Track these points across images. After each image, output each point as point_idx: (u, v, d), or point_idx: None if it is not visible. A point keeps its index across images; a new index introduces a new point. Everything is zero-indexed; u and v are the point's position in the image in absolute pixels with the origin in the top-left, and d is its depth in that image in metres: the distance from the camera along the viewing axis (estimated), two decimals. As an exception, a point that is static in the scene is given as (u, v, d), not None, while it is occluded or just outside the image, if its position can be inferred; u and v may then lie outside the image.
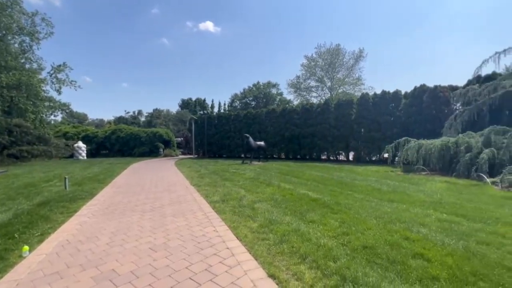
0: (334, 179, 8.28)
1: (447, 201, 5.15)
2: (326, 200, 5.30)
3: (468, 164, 8.22)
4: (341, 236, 3.41)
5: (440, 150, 9.31)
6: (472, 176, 7.91)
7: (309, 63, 35.32)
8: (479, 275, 2.41)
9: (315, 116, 16.77)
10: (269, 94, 47.28)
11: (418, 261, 2.71)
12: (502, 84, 9.84)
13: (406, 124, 13.40)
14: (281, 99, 46.82)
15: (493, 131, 8.55)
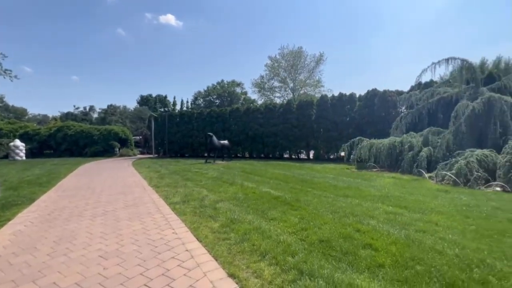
0: (295, 177, 8.58)
1: (393, 195, 5.69)
2: (287, 198, 5.46)
3: (410, 161, 9.20)
4: (300, 232, 3.54)
5: (388, 148, 10.27)
6: (414, 171, 8.86)
7: (273, 63, 36.05)
8: (416, 260, 2.71)
9: (278, 116, 17.19)
10: (234, 93, 47.13)
11: (367, 251, 2.95)
12: (437, 91, 11.22)
13: (360, 125, 14.49)
14: (246, 98, 47.00)
15: (430, 132, 9.70)
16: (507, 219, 3.93)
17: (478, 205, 4.76)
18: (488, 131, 8.23)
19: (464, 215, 4.17)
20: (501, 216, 4.06)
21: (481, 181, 6.62)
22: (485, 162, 6.95)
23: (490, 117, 8.21)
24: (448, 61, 9.69)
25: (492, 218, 3.99)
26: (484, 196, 5.53)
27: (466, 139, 8.32)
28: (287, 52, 34.98)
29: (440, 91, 11.24)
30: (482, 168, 6.85)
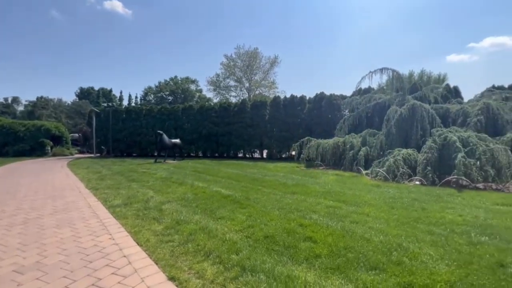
0: (247, 175, 8.69)
1: (334, 190, 6.20)
2: (237, 196, 5.50)
3: (351, 160, 10.13)
4: (247, 229, 3.60)
5: (333, 148, 11.13)
6: (354, 169, 9.78)
7: (229, 62, 35.92)
8: (348, 248, 2.99)
9: (232, 115, 17.19)
10: (188, 90, 45.54)
11: (307, 243, 3.15)
12: (374, 97, 12.60)
13: (310, 125, 15.41)
14: (201, 96, 45.86)
15: (368, 133, 10.83)
16: (421, 208, 4.62)
17: (401, 197, 5.50)
18: (412, 133, 9.55)
19: (390, 206, 4.76)
20: (417, 206, 4.76)
21: (406, 176, 7.66)
22: (409, 160, 8.06)
23: (413, 121, 9.55)
24: (382, 71, 10.99)
25: (410, 208, 4.64)
26: (406, 189, 6.40)
27: (395, 140, 9.51)
28: (243, 52, 35.27)
29: (376, 97, 12.65)
30: (406, 165, 7.92)
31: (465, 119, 9.24)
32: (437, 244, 3.08)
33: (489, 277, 2.33)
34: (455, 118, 9.67)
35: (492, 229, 3.53)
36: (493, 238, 3.23)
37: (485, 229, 3.55)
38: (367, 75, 11.12)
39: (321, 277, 2.40)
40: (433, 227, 3.67)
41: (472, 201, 5.14)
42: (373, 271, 2.51)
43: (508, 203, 4.98)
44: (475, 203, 4.98)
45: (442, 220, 3.96)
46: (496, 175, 6.71)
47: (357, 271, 2.50)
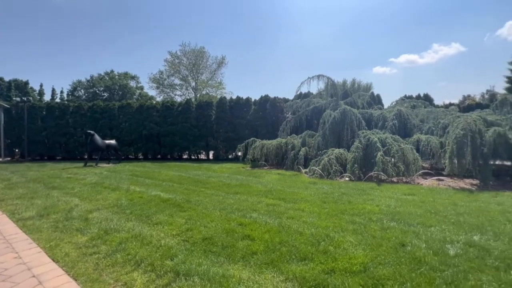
0: (190, 177, 8.43)
1: (275, 189, 6.49)
2: (178, 199, 5.29)
3: (292, 159, 10.77)
4: (185, 233, 3.49)
5: (276, 148, 11.65)
6: (295, 168, 10.41)
7: (173, 60, 34.30)
8: (283, 243, 3.18)
9: (176, 115, 16.43)
10: (127, 86, 41.70)
11: (245, 242, 3.22)
12: (312, 101, 13.69)
13: (255, 127, 15.80)
14: (142, 94, 42.53)
15: (307, 134, 11.68)
16: (348, 201, 5.20)
17: (333, 192, 6.09)
18: (343, 134, 10.69)
19: (322, 201, 5.23)
20: (344, 199, 5.34)
21: (338, 173, 8.51)
22: (341, 158, 8.99)
23: (344, 124, 10.70)
24: (319, 77, 12.03)
25: (339, 202, 5.18)
26: (338, 185, 7.13)
27: (330, 141, 10.50)
28: (189, 50, 34.14)
29: (315, 101, 13.76)
30: (338, 163, 8.81)
31: (384, 123, 10.78)
32: (357, 232, 3.51)
33: (393, 255, 2.77)
34: (377, 121, 11.18)
35: (399, 216, 4.19)
36: (399, 223, 3.84)
37: (394, 215, 4.20)
38: (306, 81, 12.04)
39: (255, 273, 2.49)
40: (355, 217, 4.17)
41: (387, 193, 6.01)
42: (303, 261, 2.72)
43: (412, 193, 5.99)
44: (389, 194, 5.85)
45: (363, 210, 4.53)
46: (405, 170, 8.00)
47: (289, 263, 2.68)
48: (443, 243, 3.07)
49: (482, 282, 2.27)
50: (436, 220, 3.93)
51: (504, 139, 7.45)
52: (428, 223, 3.79)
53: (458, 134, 7.38)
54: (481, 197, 5.51)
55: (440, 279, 2.32)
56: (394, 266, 2.57)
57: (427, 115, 11.38)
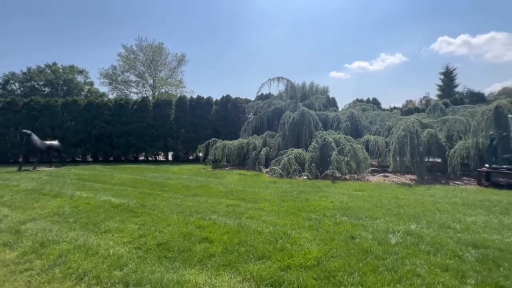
0: (147, 180, 7.94)
1: (236, 189, 6.47)
2: (131, 204, 4.94)
3: (254, 159, 10.87)
4: (137, 240, 3.27)
5: (238, 149, 11.65)
6: (256, 168, 10.53)
7: (128, 54, 32.02)
8: (242, 243, 3.17)
9: (131, 114, 15.36)
10: (73, 81, 37.69)
11: (203, 244, 3.14)
12: (273, 102, 14.01)
13: (216, 127, 15.59)
14: (92, 90, 38.80)
15: (268, 135, 11.91)
16: (305, 199, 5.43)
17: (292, 190, 6.30)
18: (302, 135, 11.15)
19: (281, 200, 5.37)
20: (302, 197, 5.57)
21: (297, 172, 8.84)
22: (299, 158, 9.36)
23: (303, 125, 11.17)
24: (279, 80, 12.37)
25: (297, 199, 5.38)
26: (296, 183, 7.40)
27: (289, 141, 10.86)
28: (146, 45, 32.22)
29: (275, 102, 14.10)
30: (297, 163, 9.16)
31: (338, 124, 11.54)
32: (313, 228, 3.68)
33: (343, 248, 2.97)
34: (332, 123, 11.91)
35: (351, 210, 4.51)
36: (350, 217, 4.13)
37: (346, 210, 4.50)
38: (267, 82, 12.28)
39: (212, 276, 2.44)
40: (312, 214, 4.37)
41: (340, 190, 6.43)
42: (260, 260, 2.75)
43: (362, 189, 6.50)
44: (342, 191, 6.26)
45: (319, 207, 4.77)
46: (357, 168, 8.66)
47: (247, 263, 2.68)
48: (386, 234, 3.39)
49: (416, 265, 2.55)
50: (381, 213, 4.32)
51: (436, 139, 8.55)
52: (375, 216, 4.15)
53: (400, 134, 8.24)
54: (418, 190, 6.23)
55: (383, 266, 2.55)
56: (344, 258, 2.75)
57: (375, 117, 12.48)
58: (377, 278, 2.36)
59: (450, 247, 2.94)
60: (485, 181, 7.14)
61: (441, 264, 2.57)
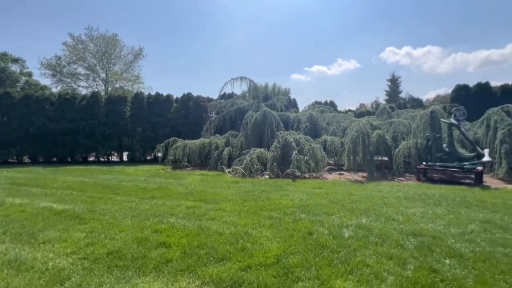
0: (97, 183, 7.27)
1: (197, 190, 6.29)
2: (77, 210, 4.46)
3: (216, 159, 10.71)
4: (84, 249, 2.96)
5: (199, 148, 11.34)
6: (219, 168, 10.37)
7: (76, 44, 28.96)
8: (202, 246, 3.08)
9: (79, 110, 13.90)
10: (6, 70, 32.70)
11: (160, 250, 2.97)
12: (236, 102, 13.98)
13: (177, 126, 14.98)
14: (31, 82, 34.09)
15: (231, 134, 11.83)
16: (267, 198, 5.51)
17: (253, 190, 6.34)
18: (264, 135, 11.32)
19: (243, 199, 5.37)
20: (264, 196, 5.64)
21: (259, 172, 8.95)
22: (261, 157, 9.49)
23: (265, 125, 11.35)
24: (242, 79, 12.37)
25: (259, 199, 5.44)
26: (258, 183, 7.48)
27: (252, 141, 10.94)
28: (98, 35, 29.49)
29: (238, 102, 14.08)
30: (260, 162, 9.27)
31: (299, 125, 11.99)
32: (273, 226, 3.74)
33: (302, 244, 3.07)
34: (293, 123, 12.33)
35: (309, 207, 4.71)
36: (309, 214, 4.31)
37: (305, 208, 4.68)
38: (229, 81, 12.19)
39: (168, 282, 2.32)
40: (273, 212, 4.45)
41: (300, 188, 6.68)
42: (220, 262, 2.70)
43: (320, 186, 6.85)
44: (302, 189, 6.51)
45: (280, 205, 4.88)
46: (315, 166, 9.10)
47: (206, 266, 2.61)
48: (341, 228, 3.61)
49: (365, 256, 2.76)
50: (336, 209, 4.59)
51: (383, 139, 9.41)
52: (331, 212, 4.39)
53: (353, 135, 8.88)
54: (368, 186, 6.78)
55: (337, 259, 2.71)
56: (302, 254, 2.85)
57: (332, 119, 13.26)
58: (332, 271, 2.49)
59: (394, 237, 3.25)
60: (422, 177, 8.08)
61: (386, 253, 2.82)
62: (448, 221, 3.89)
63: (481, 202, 4.96)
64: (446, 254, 2.80)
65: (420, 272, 2.43)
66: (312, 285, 2.27)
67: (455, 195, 5.51)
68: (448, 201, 5.09)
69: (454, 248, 2.95)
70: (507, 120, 8.39)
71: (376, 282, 2.30)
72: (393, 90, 36.08)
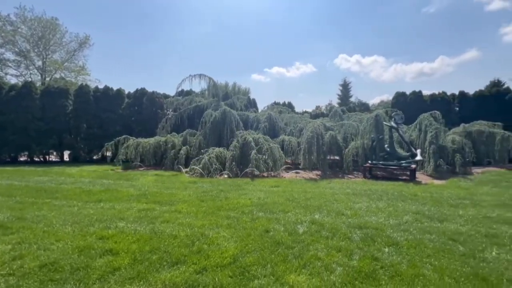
0: (30, 186, 6.35)
1: (151, 192, 5.93)
2: (1, 219, 3.82)
3: (173, 159, 10.25)
4: (9, 264, 2.55)
5: (154, 147, 10.72)
6: (175, 168, 9.94)
7: (3, 25, 24.84)
8: (154, 250, 2.91)
9: (7, 101, 11.96)
10: None
11: (106, 258, 2.72)
12: (195, 99, 13.57)
13: (129, 123, 13.92)
14: None
15: (189, 133, 11.44)
16: (225, 197, 5.47)
17: (212, 190, 6.23)
18: (224, 134, 11.21)
19: (201, 200, 5.24)
20: (222, 196, 5.58)
21: (218, 171, 8.83)
22: (220, 157, 9.38)
23: (225, 124, 11.25)
24: (200, 76, 12.05)
25: (217, 199, 5.36)
26: (217, 182, 7.38)
27: (211, 140, 10.74)
28: (32, 17, 25.74)
29: (197, 100, 13.69)
30: (218, 162, 9.15)
31: (258, 125, 12.17)
32: (231, 226, 3.72)
33: (259, 242, 3.12)
34: (252, 123, 12.47)
35: (267, 206, 4.80)
36: (266, 212, 4.39)
37: (262, 206, 4.77)
38: (188, 78, 11.77)
39: (115, 293, 2.13)
40: (231, 212, 4.42)
41: (258, 186, 6.78)
42: (174, 266, 2.58)
43: (278, 185, 7.04)
44: (260, 188, 6.61)
45: (238, 204, 4.88)
46: (273, 165, 9.34)
47: (159, 271, 2.47)
48: (296, 225, 3.76)
49: (317, 250, 2.92)
50: (292, 206, 4.77)
51: (335, 140, 10.11)
52: (287, 209, 4.55)
53: (309, 135, 9.35)
54: (321, 184, 7.21)
55: (291, 255, 2.81)
56: (259, 251, 2.89)
57: (290, 119, 13.77)
58: (286, 266, 2.57)
59: (343, 231, 3.50)
60: (368, 174, 8.89)
61: (336, 246, 3.03)
62: (388, 213, 4.35)
63: (414, 196, 5.66)
64: (386, 243, 3.12)
65: (364, 261, 2.67)
66: (268, 282, 2.31)
67: (394, 190, 6.20)
68: (388, 195, 5.69)
69: (392, 237, 3.31)
70: (434, 125, 9.74)
71: (326, 274, 2.45)
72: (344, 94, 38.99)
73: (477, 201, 5.24)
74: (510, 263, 2.70)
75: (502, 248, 3.06)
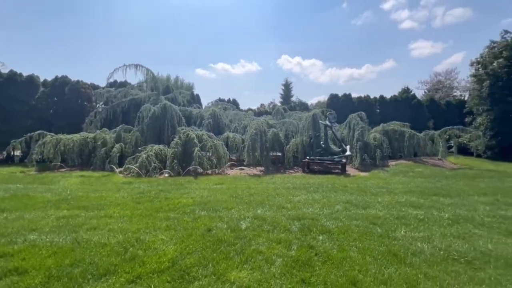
0: None
1: (74, 196, 5.16)
2: None
3: (103, 158, 9.14)
4: None
5: (80, 145, 9.37)
6: (107, 167, 8.88)
7: None
8: (77, 263, 2.52)
9: None
10: None
11: (10, 278, 2.25)
12: (130, 92, 12.35)
13: (46, 116, 11.83)
14: None
15: (123, 129, 10.37)
16: (165, 198, 5.14)
17: (150, 190, 5.78)
18: (164, 130, 10.51)
19: (136, 202, 4.80)
20: (161, 196, 5.23)
21: (157, 170, 8.24)
22: (160, 155, 8.77)
23: (165, 120, 10.56)
24: (137, 67, 10.98)
25: (156, 200, 4.99)
26: (156, 182, 6.88)
27: (149, 136, 9.95)
28: None
29: (133, 92, 12.49)
30: (158, 160, 8.54)
31: (201, 121, 11.83)
32: (170, 227, 3.51)
33: (200, 242, 3.01)
34: (196, 119, 12.05)
35: (210, 204, 4.69)
36: (209, 211, 4.29)
37: (205, 205, 4.64)
38: (121, 68, 10.59)
39: (20, 321, 1.76)
40: (171, 213, 4.17)
41: (202, 185, 6.59)
42: (102, 278, 2.29)
43: (222, 182, 6.97)
44: (204, 186, 6.44)
45: (179, 204, 4.64)
46: (218, 162, 9.21)
47: (82, 287, 2.15)
48: (239, 221, 3.77)
49: (259, 244, 2.99)
50: (235, 203, 4.78)
51: (278, 137, 10.56)
52: (230, 206, 4.53)
53: (252, 133, 9.53)
54: (264, 180, 7.44)
55: (234, 251, 2.80)
56: (200, 252, 2.79)
57: (234, 116, 13.79)
58: (228, 263, 2.55)
59: (283, 224, 3.67)
60: (306, 169, 9.58)
61: (276, 239, 3.15)
62: (322, 204, 4.76)
63: (344, 187, 6.34)
64: (320, 232, 3.40)
65: (301, 251, 2.84)
66: (209, 282, 2.25)
67: (328, 183, 6.82)
68: (323, 188, 6.23)
69: (325, 226, 3.62)
70: (360, 124, 11.09)
71: (267, 266, 2.52)
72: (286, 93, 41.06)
73: (391, 189, 6.18)
74: (413, 239, 3.25)
75: (408, 227, 3.66)
